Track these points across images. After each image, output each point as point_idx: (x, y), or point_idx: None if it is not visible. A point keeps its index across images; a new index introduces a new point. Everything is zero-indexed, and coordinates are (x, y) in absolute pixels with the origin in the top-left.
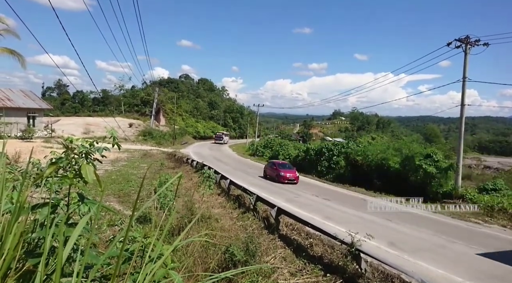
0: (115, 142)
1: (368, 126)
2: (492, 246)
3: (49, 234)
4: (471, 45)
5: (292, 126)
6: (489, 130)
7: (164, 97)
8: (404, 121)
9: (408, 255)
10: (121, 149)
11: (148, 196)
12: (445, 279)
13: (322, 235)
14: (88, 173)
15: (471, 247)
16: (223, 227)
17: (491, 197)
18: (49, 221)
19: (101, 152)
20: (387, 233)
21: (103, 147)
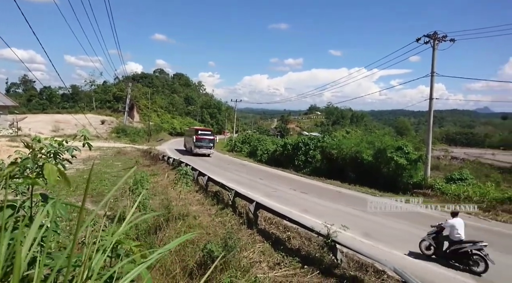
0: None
1: (342, 120)
2: None
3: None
4: (438, 41)
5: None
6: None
7: (138, 93)
8: (377, 115)
9: (382, 244)
10: (94, 147)
11: (123, 194)
12: (419, 266)
13: (300, 227)
14: (51, 173)
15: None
16: (201, 224)
17: (458, 186)
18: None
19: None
20: (362, 224)
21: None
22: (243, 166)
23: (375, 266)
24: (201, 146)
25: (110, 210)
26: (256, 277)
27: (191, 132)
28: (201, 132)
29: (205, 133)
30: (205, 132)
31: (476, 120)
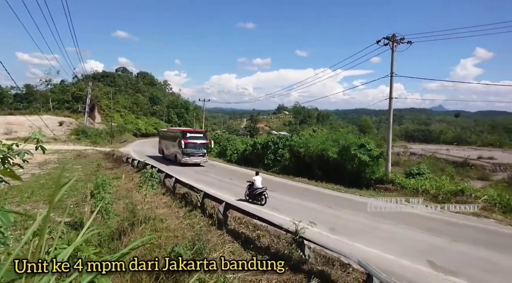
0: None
1: (309, 119)
2: (416, 224)
3: None
4: (397, 43)
5: (239, 121)
6: (414, 120)
7: (99, 93)
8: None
9: (347, 238)
10: (51, 150)
11: (84, 200)
12: (380, 258)
13: (269, 226)
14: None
15: (401, 227)
16: (168, 227)
17: (416, 181)
18: None
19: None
20: (328, 219)
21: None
22: (213, 166)
23: (341, 260)
24: (192, 153)
25: (70, 216)
26: (225, 277)
27: (174, 136)
28: (191, 135)
29: (196, 136)
30: (195, 135)
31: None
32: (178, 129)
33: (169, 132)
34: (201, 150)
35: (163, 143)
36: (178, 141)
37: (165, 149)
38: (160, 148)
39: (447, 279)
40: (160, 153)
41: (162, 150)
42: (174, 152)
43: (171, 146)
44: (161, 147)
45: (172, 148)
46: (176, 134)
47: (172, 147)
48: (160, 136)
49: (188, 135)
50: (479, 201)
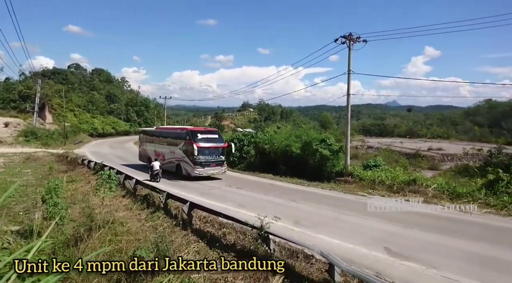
0: None
1: (273, 116)
2: (374, 214)
3: None
4: (353, 42)
5: (204, 119)
6: (370, 115)
7: (50, 91)
8: (303, 110)
9: (310, 230)
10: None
11: (34, 206)
12: (341, 247)
13: (235, 223)
14: None
15: (360, 217)
16: (129, 230)
17: (373, 172)
18: None
19: None
20: (292, 213)
21: None
22: None
23: (304, 252)
24: (207, 162)
25: (18, 224)
26: (189, 278)
27: (174, 138)
28: (203, 136)
29: (211, 138)
30: (209, 136)
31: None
32: (180, 129)
33: (162, 133)
34: (218, 156)
35: (151, 148)
36: (185, 145)
37: (157, 156)
38: (145, 155)
39: (402, 264)
40: (144, 161)
41: (148, 157)
42: (175, 160)
43: (169, 152)
44: (145, 153)
45: (171, 155)
46: (179, 135)
47: (171, 153)
48: (144, 139)
49: (200, 136)
50: (430, 189)
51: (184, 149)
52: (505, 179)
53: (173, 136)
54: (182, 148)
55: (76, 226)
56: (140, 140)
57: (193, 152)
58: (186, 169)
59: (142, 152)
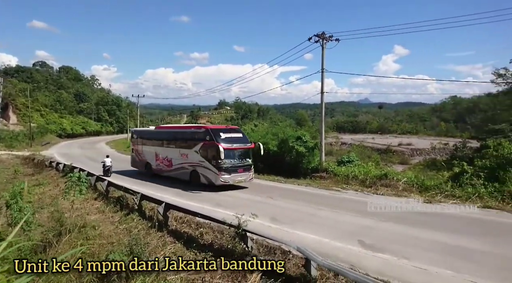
0: None
1: (250, 114)
2: (348, 208)
3: None
4: (326, 40)
5: (179, 118)
6: (343, 113)
7: (14, 90)
8: (280, 108)
9: (287, 227)
10: None
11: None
12: (317, 242)
13: (212, 222)
14: None
15: (335, 211)
16: (102, 233)
17: (347, 168)
18: None
19: None
20: (270, 210)
21: None
22: None
23: (282, 248)
24: (234, 167)
25: None
26: (165, 279)
27: (186, 139)
28: (227, 136)
29: (235, 138)
30: (233, 135)
31: (359, 110)
32: (195, 127)
33: (167, 134)
34: (245, 159)
35: (149, 152)
36: (204, 147)
37: (161, 161)
38: (141, 160)
39: (375, 256)
40: (139, 168)
41: (145, 162)
42: (188, 166)
43: (178, 156)
44: (142, 157)
45: (182, 160)
46: (194, 136)
47: (182, 157)
48: (139, 141)
49: (224, 136)
50: (400, 183)
51: (203, 152)
52: (469, 171)
53: (184, 137)
54: (199, 151)
55: (44, 231)
56: (133, 143)
57: (217, 155)
58: (206, 176)
59: (136, 156)
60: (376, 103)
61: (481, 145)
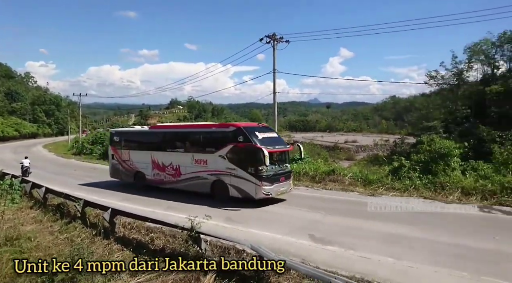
0: None
1: (204, 114)
2: (299, 204)
3: None
4: (277, 41)
5: (127, 118)
6: (295, 112)
7: None
8: (234, 108)
9: (242, 226)
10: None
11: None
12: (270, 239)
13: (164, 226)
14: None
15: (287, 208)
16: (39, 245)
17: (298, 165)
18: None
19: None
20: (224, 211)
21: None
22: (94, 170)
23: (236, 247)
24: (277, 174)
25: None
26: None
27: (215, 141)
28: (265, 136)
29: (272, 138)
30: (269, 134)
31: (309, 110)
32: (219, 126)
33: (172, 135)
34: (285, 165)
35: (143, 158)
36: (236, 151)
37: (161, 170)
38: (127, 168)
39: (324, 248)
40: (124, 178)
41: (134, 171)
42: (209, 174)
43: (191, 162)
44: (131, 165)
45: (199, 167)
46: (219, 136)
47: (198, 164)
48: (123, 145)
49: (261, 136)
50: (346, 178)
51: (234, 157)
52: (407, 165)
53: (201, 138)
54: (227, 155)
55: None
56: (113, 147)
57: (257, 160)
58: (240, 187)
59: (119, 164)
60: (324, 103)
61: (417, 141)
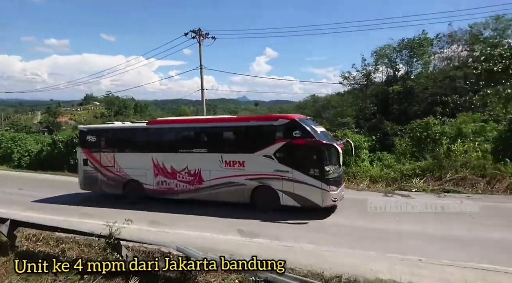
0: None
1: (126, 110)
2: None
3: None
4: (203, 37)
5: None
6: (225, 109)
7: None
8: (160, 104)
9: (169, 228)
10: None
11: None
12: (200, 238)
13: (77, 235)
14: None
15: (214, 206)
16: None
17: None
18: None
19: None
20: (148, 214)
21: None
22: None
23: (161, 251)
24: (340, 177)
25: None
26: None
27: (256, 136)
28: (321, 130)
29: (327, 133)
30: (321, 129)
31: (238, 107)
32: (258, 119)
33: (193, 130)
34: (340, 166)
35: (144, 161)
36: (291, 149)
37: (171, 176)
38: (117, 176)
39: (252, 241)
40: (113, 189)
41: (128, 180)
42: (248, 179)
43: (218, 165)
44: (119, 172)
45: (233, 171)
46: (262, 130)
47: (228, 167)
48: (112, 146)
49: (319, 130)
50: None
51: (288, 156)
52: None
53: (235, 134)
54: (277, 155)
55: None
56: (88, 150)
57: (324, 159)
58: (299, 194)
59: (97, 171)
60: (253, 100)
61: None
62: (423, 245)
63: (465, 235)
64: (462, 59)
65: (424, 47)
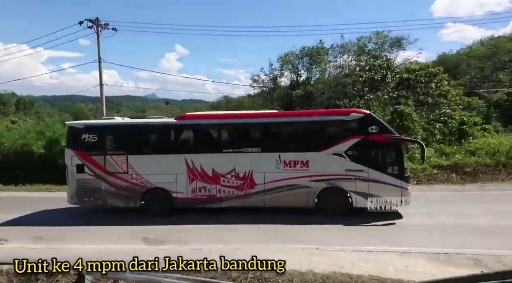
0: None
1: (4, 108)
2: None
3: None
4: (102, 28)
5: None
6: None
7: None
8: (50, 100)
9: (57, 243)
10: None
11: None
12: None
13: None
14: None
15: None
16: None
17: None
18: None
19: None
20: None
21: None
22: None
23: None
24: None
25: None
26: None
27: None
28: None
29: None
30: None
31: (147, 105)
32: (327, 113)
33: (251, 125)
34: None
35: (172, 164)
36: (367, 147)
37: (213, 181)
38: (130, 184)
39: (158, 248)
40: (123, 202)
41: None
42: (312, 182)
43: (275, 166)
44: (134, 180)
45: (293, 172)
46: (329, 126)
47: (288, 168)
48: (125, 147)
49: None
50: None
51: (363, 154)
52: None
53: (296, 131)
54: (350, 153)
55: None
56: (86, 153)
57: (403, 156)
58: (377, 195)
59: (99, 180)
60: (163, 99)
61: None
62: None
63: None
64: (351, 68)
65: (321, 55)
